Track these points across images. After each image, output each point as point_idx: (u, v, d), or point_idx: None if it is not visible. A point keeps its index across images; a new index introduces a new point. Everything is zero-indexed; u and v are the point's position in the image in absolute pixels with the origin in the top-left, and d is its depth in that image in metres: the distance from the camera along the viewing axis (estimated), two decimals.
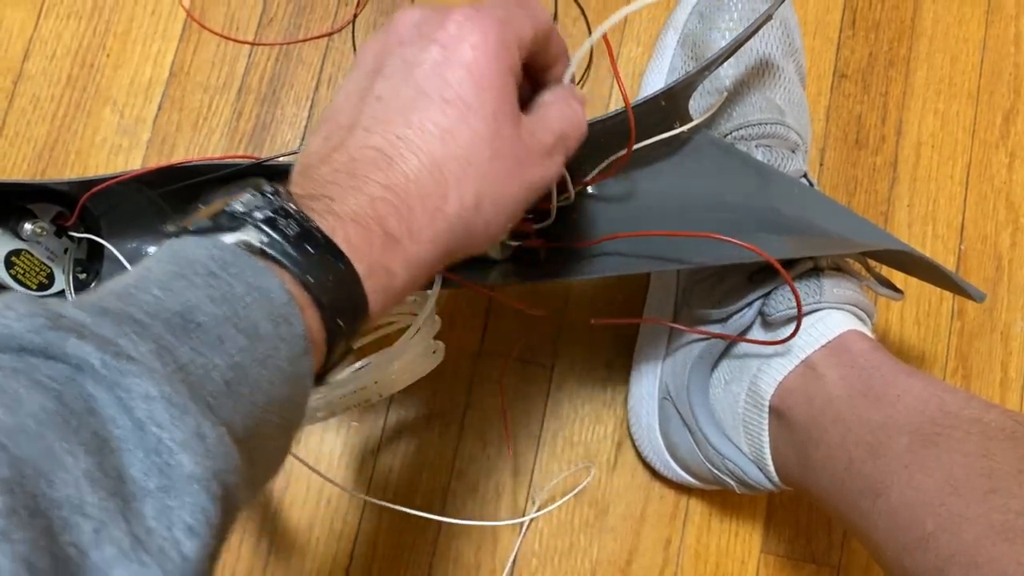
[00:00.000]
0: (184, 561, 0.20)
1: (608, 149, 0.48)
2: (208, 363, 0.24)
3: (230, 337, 0.24)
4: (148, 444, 0.21)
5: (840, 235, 0.48)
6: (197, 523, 0.21)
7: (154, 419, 0.21)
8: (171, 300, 0.24)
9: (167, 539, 0.20)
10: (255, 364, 0.25)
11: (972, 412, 0.38)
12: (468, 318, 0.60)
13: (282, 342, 0.25)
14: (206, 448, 0.22)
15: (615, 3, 0.64)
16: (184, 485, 0.21)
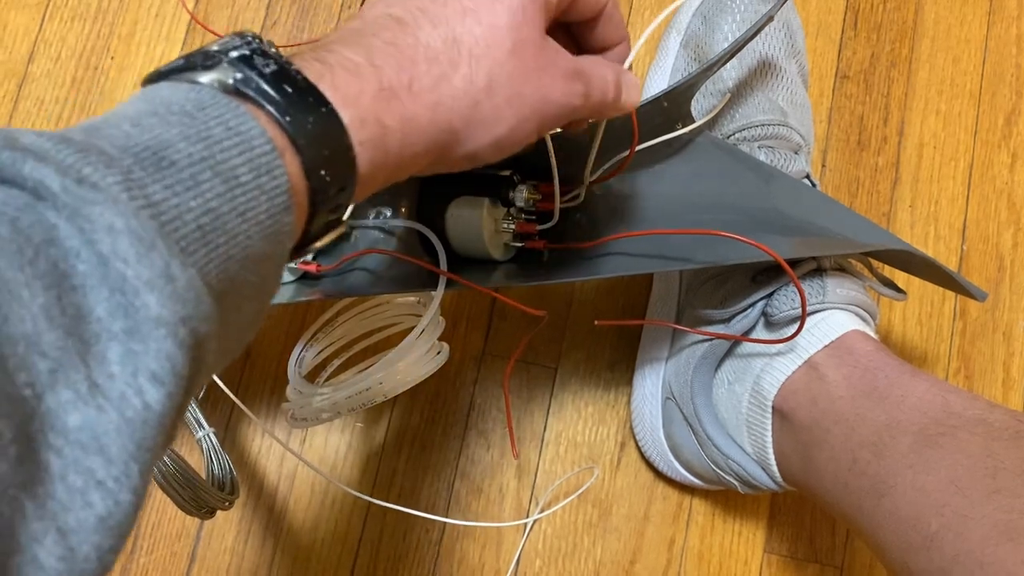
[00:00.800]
0: (146, 410, 0.19)
1: (611, 150, 0.48)
2: (181, 204, 0.21)
3: (206, 180, 0.22)
4: (112, 281, 0.19)
5: (843, 235, 0.48)
6: (162, 370, 0.19)
7: (118, 253, 0.19)
8: (143, 135, 0.22)
9: (130, 385, 0.19)
10: (232, 214, 0.23)
11: (976, 412, 0.38)
12: (472, 320, 0.60)
13: (263, 194, 0.23)
14: (174, 290, 0.20)
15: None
16: (150, 329, 0.19)
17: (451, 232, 0.51)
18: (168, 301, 0.20)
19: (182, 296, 0.20)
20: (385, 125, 0.28)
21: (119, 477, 0.19)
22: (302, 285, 0.52)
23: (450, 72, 0.30)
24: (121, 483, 0.19)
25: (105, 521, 0.18)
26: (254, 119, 0.24)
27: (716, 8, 0.53)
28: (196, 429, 0.51)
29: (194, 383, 0.22)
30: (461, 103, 0.30)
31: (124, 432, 0.19)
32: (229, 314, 0.24)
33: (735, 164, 0.50)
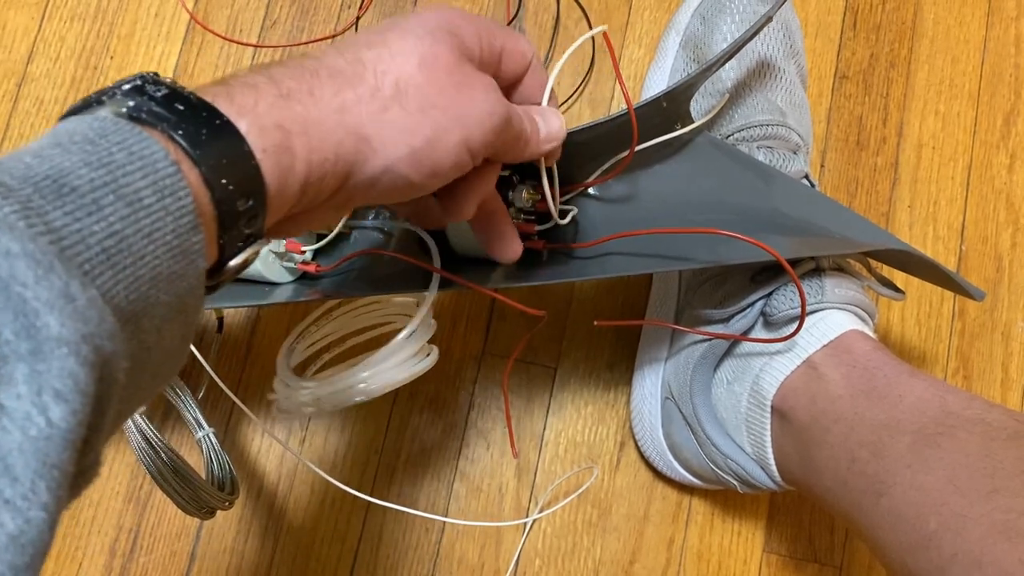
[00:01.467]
0: (50, 426, 0.19)
1: (609, 151, 0.48)
2: (83, 228, 0.22)
3: (109, 204, 0.22)
4: (14, 304, 0.19)
5: (842, 235, 0.48)
6: (65, 388, 0.20)
7: (16, 277, 0.19)
8: (43, 165, 0.22)
9: (35, 404, 0.19)
10: (138, 236, 0.23)
11: (974, 412, 0.38)
12: (472, 320, 0.60)
13: (168, 215, 0.24)
14: (75, 309, 0.20)
15: (616, 4, 0.64)
16: (52, 348, 0.20)
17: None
18: (68, 320, 0.20)
19: (83, 315, 0.20)
20: (286, 129, 0.27)
21: (26, 495, 0.19)
22: (301, 285, 0.52)
23: (354, 81, 0.30)
24: (29, 500, 0.19)
25: (17, 539, 0.19)
26: (157, 144, 0.24)
27: (715, 9, 0.54)
28: (196, 429, 0.51)
29: (106, 402, 0.22)
30: (369, 107, 0.30)
31: (27, 451, 0.19)
32: (149, 336, 0.24)
33: (734, 164, 0.50)
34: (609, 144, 0.48)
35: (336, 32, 0.63)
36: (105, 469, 0.58)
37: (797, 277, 0.43)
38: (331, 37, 0.63)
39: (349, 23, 0.64)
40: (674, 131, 0.49)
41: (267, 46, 0.63)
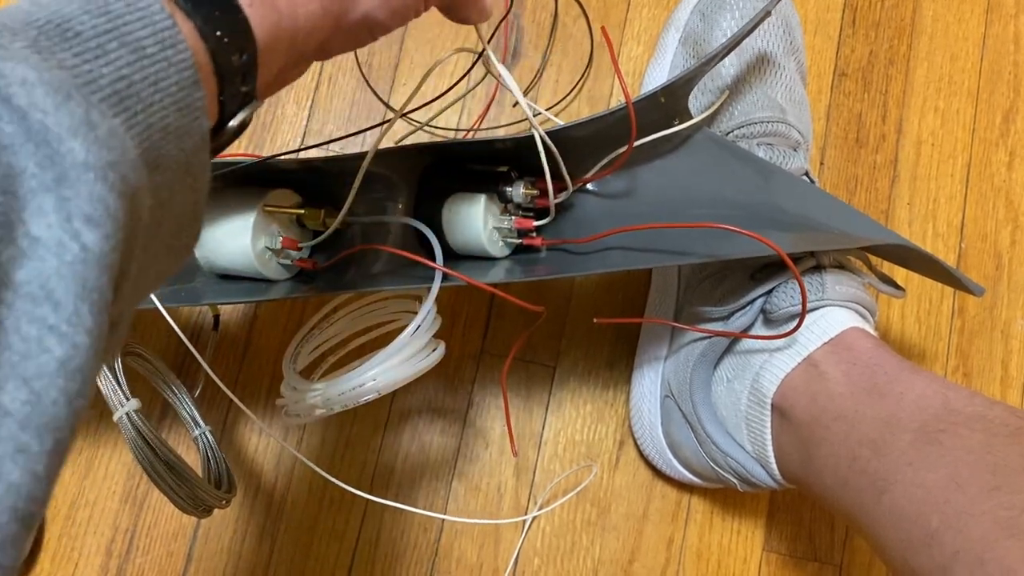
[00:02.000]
0: (84, 251, 0.19)
1: (608, 146, 0.48)
2: (93, 70, 0.22)
3: (114, 49, 0.22)
4: (35, 134, 0.19)
5: (842, 231, 0.48)
6: (96, 212, 0.20)
7: (36, 104, 0.19)
8: (42, 11, 0.22)
9: (66, 231, 0.19)
10: (144, 83, 0.23)
11: (976, 409, 0.38)
12: (470, 317, 0.60)
13: (170, 66, 0.24)
14: (97, 136, 0.20)
15: (614, 1, 0.64)
16: (78, 173, 0.19)
17: (448, 229, 0.51)
18: (93, 146, 0.20)
19: (106, 142, 0.20)
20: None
21: (71, 319, 0.19)
22: (298, 282, 0.51)
23: None
24: (74, 325, 0.19)
25: (66, 365, 0.19)
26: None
27: (715, 5, 0.53)
28: (192, 427, 0.51)
29: (133, 242, 0.22)
30: None
31: (67, 276, 0.19)
32: (162, 192, 0.24)
33: (733, 160, 0.50)
34: (608, 140, 0.48)
35: None
36: (101, 469, 0.57)
37: (798, 272, 0.43)
38: None
39: None
40: (672, 127, 0.48)
41: None
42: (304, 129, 0.62)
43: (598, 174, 0.49)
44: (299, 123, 0.62)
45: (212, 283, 0.52)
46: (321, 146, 0.61)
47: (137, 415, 0.47)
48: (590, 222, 0.52)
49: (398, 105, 0.62)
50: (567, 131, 0.47)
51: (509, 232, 0.50)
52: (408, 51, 0.64)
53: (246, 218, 0.48)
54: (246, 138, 0.61)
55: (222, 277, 0.52)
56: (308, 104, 0.62)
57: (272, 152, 0.61)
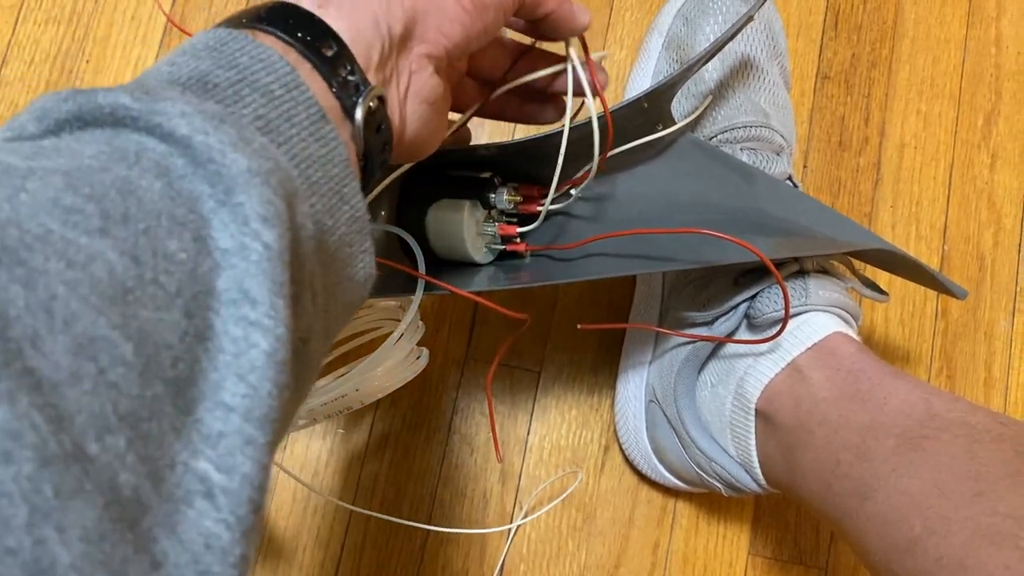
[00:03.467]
0: (267, 249, 0.21)
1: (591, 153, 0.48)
2: (235, 113, 0.24)
3: (247, 95, 0.25)
4: (200, 156, 0.21)
5: (825, 235, 0.48)
6: (268, 213, 0.21)
7: (196, 128, 0.21)
8: (181, 70, 0.25)
9: (246, 234, 0.21)
10: (280, 119, 0.25)
11: (958, 414, 0.38)
12: (454, 324, 0.60)
13: (298, 104, 0.26)
14: (253, 149, 0.22)
15: (597, 6, 0.64)
16: (245, 180, 0.21)
17: (432, 235, 0.50)
18: (253, 156, 0.22)
19: (263, 153, 0.22)
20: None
21: (269, 313, 0.20)
22: None
23: None
24: (273, 318, 0.20)
25: (272, 356, 0.20)
26: (270, 47, 0.26)
27: (698, 10, 0.53)
28: None
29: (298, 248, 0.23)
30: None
31: (257, 274, 0.20)
32: (324, 219, 0.26)
33: (717, 164, 0.50)
34: (591, 146, 0.48)
35: None
36: None
37: (781, 278, 0.43)
38: None
39: None
40: (656, 132, 0.48)
41: None
42: None
43: (580, 179, 0.49)
44: None
45: None
46: None
47: None
48: (574, 228, 0.52)
49: None
50: (547, 139, 0.47)
51: (493, 238, 0.50)
52: None
53: None
54: None
55: None
56: None
57: None
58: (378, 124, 0.30)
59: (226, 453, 0.19)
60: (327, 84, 0.28)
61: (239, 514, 0.19)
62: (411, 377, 0.48)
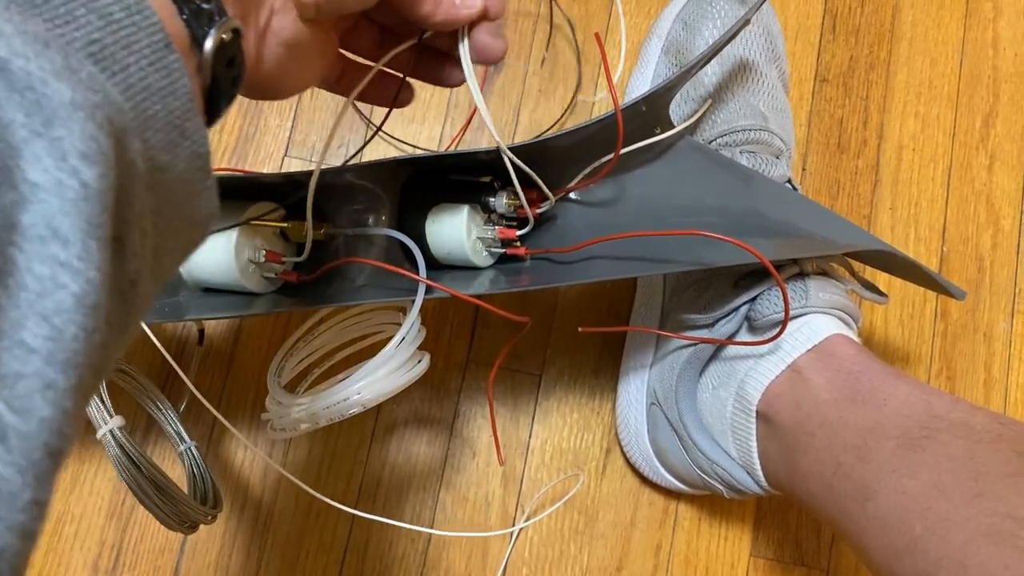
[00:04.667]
0: (85, 187, 0.19)
1: (590, 156, 0.48)
2: (66, 35, 0.22)
3: (82, 15, 0.22)
4: (18, 81, 0.19)
5: (823, 237, 0.48)
6: (90, 150, 0.20)
7: (16, 51, 0.19)
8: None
9: (62, 170, 0.19)
10: (117, 46, 0.23)
11: (958, 415, 0.38)
12: (456, 328, 0.60)
13: (139, 30, 0.24)
14: (79, 79, 0.20)
15: (595, 10, 0.64)
16: (67, 113, 0.19)
17: (432, 240, 0.51)
18: (78, 87, 0.20)
19: (89, 84, 0.21)
20: None
21: (81, 255, 0.19)
22: (282, 295, 0.51)
23: None
24: (85, 260, 0.19)
25: (82, 300, 0.19)
26: None
27: (697, 14, 0.54)
28: (177, 443, 0.51)
29: (131, 191, 0.22)
30: None
31: (71, 213, 0.19)
32: (160, 154, 0.24)
33: (715, 167, 0.50)
34: (590, 149, 0.48)
35: None
36: (87, 485, 0.57)
37: (781, 280, 0.43)
38: None
39: None
40: (654, 135, 0.49)
41: None
42: (287, 140, 0.62)
43: (580, 184, 0.49)
44: (282, 134, 0.62)
45: (196, 297, 0.51)
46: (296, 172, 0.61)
47: (121, 432, 0.47)
48: (574, 231, 0.52)
49: (377, 117, 0.62)
50: (551, 140, 0.47)
51: (493, 242, 0.50)
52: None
53: (228, 232, 0.48)
54: (228, 151, 0.61)
55: (206, 291, 0.51)
56: (291, 115, 0.62)
57: (253, 164, 0.61)
58: (230, 58, 0.29)
59: (24, 395, 0.18)
60: (177, 8, 0.26)
61: (32, 458, 0.18)
62: (412, 381, 0.48)
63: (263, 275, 0.50)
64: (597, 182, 0.49)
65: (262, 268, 0.50)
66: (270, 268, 0.50)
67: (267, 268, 0.50)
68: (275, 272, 0.50)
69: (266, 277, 0.50)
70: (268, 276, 0.50)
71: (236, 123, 0.62)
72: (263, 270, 0.50)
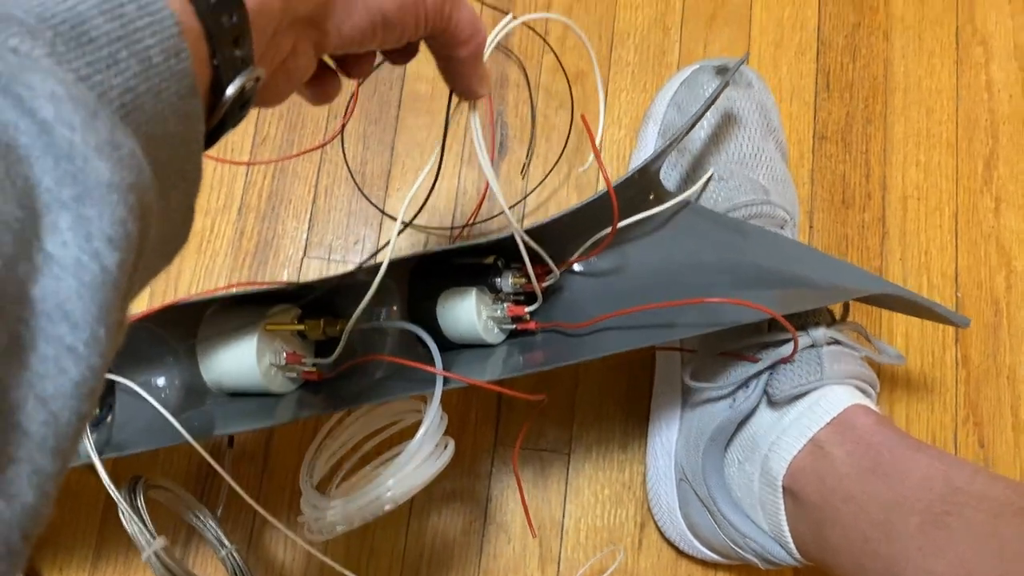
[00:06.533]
0: (104, 272, 0.19)
1: (592, 228, 0.50)
2: (105, 82, 0.21)
3: (123, 60, 0.22)
4: (58, 149, 0.19)
5: (827, 282, 0.49)
6: (117, 235, 0.19)
7: (63, 120, 0.19)
8: (58, 5, 0.21)
9: (85, 251, 0.19)
10: (149, 95, 0.23)
11: (979, 487, 0.39)
12: (480, 411, 0.61)
13: (172, 76, 0.23)
14: (120, 156, 0.20)
15: (592, 90, 0.66)
16: (103, 194, 0.19)
17: (444, 324, 0.52)
18: (118, 167, 0.20)
19: (128, 163, 0.20)
20: None
21: (88, 341, 0.19)
22: (306, 392, 0.52)
23: None
24: (91, 347, 0.19)
25: (80, 386, 0.19)
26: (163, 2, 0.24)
27: (689, 97, 0.55)
28: (219, 548, 0.52)
29: (139, 259, 0.22)
30: None
31: (85, 296, 0.19)
32: (160, 201, 0.24)
33: (711, 225, 0.51)
34: (591, 222, 0.49)
35: (324, 142, 0.65)
36: None
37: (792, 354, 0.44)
38: (320, 147, 0.65)
39: (336, 132, 0.65)
40: (651, 204, 0.50)
41: (259, 162, 0.65)
42: (305, 242, 0.64)
43: (583, 256, 0.51)
44: (299, 237, 0.64)
45: (222, 404, 0.53)
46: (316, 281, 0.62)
47: (164, 552, 0.48)
48: (580, 301, 0.54)
49: (391, 209, 0.64)
50: (553, 221, 0.49)
51: (503, 319, 0.52)
52: (399, 156, 0.65)
53: (249, 340, 0.49)
54: (248, 256, 0.63)
55: (231, 394, 0.53)
56: (307, 217, 0.64)
57: (274, 268, 0.63)
58: (244, 101, 0.28)
59: (11, 479, 0.18)
60: (210, 55, 0.26)
61: (9, 542, 0.18)
62: (439, 471, 0.48)
63: (285, 375, 0.52)
64: (599, 253, 0.51)
65: (284, 370, 0.51)
66: (292, 369, 0.51)
67: (289, 369, 0.52)
68: (297, 372, 0.52)
69: (288, 377, 0.52)
70: (290, 376, 0.52)
71: (255, 228, 0.64)
72: (285, 371, 0.52)
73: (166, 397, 0.52)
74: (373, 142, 0.66)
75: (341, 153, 0.65)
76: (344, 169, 0.65)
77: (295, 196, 0.64)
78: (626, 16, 0.68)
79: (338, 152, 0.65)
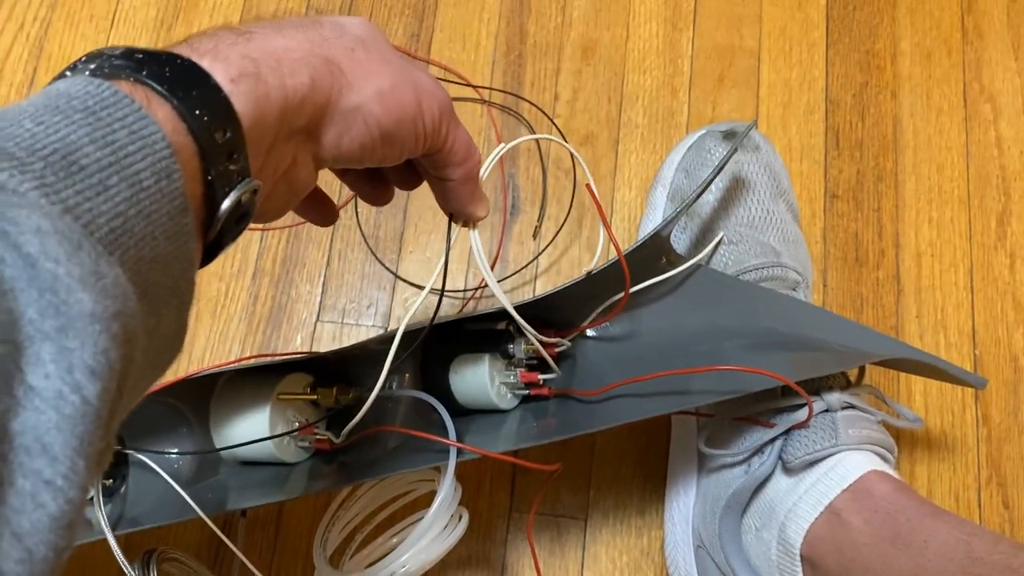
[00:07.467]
0: (85, 404, 0.19)
1: (604, 294, 0.50)
2: (94, 208, 0.22)
3: (114, 185, 0.22)
4: (42, 282, 0.19)
5: (841, 344, 0.48)
6: (99, 366, 0.19)
7: (48, 254, 0.19)
8: (48, 136, 0.22)
9: (66, 383, 0.19)
10: (139, 217, 0.23)
11: (1000, 557, 0.38)
12: (495, 477, 0.60)
13: (163, 197, 0.24)
14: (104, 286, 0.20)
15: (603, 152, 0.67)
16: (84, 324, 0.19)
17: (457, 391, 0.52)
18: (100, 297, 0.20)
19: (111, 292, 0.21)
20: (253, 59, 0.28)
21: (67, 475, 0.19)
22: (317, 462, 0.52)
23: (318, 27, 0.31)
24: (70, 480, 0.19)
25: (59, 520, 0.19)
26: (154, 123, 0.24)
27: (697, 162, 0.56)
28: None
29: (124, 383, 0.22)
30: (337, 44, 0.31)
31: (65, 429, 0.19)
32: (149, 319, 0.24)
33: (723, 289, 0.51)
34: (603, 288, 0.49)
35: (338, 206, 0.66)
36: None
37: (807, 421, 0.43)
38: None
39: (350, 195, 0.66)
40: (663, 269, 0.50)
41: (273, 228, 0.65)
42: (318, 306, 0.64)
43: (594, 322, 0.51)
44: (313, 301, 0.64)
45: (235, 473, 0.53)
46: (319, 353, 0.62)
47: None
48: (593, 366, 0.53)
49: (403, 272, 0.65)
50: (562, 292, 0.49)
51: (516, 385, 0.52)
52: (411, 218, 0.66)
53: (261, 411, 0.49)
54: (263, 321, 0.63)
55: (243, 463, 0.53)
56: (320, 281, 0.65)
57: (287, 333, 0.63)
58: (242, 214, 0.28)
59: None
60: (204, 171, 0.26)
61: None
62: (454, 544, 0.48)
63: (298, 444, 0.52)
64: (611, 320, 0.51)
65: (296, 439, 0.51)
66: (304, 439, 0.51)
67: (300, 439, 0.51)
68: (309, 441, 0.52)
69: (300, 447, 0.52)
70: (302, 445, 0.52)
71: (269, 293, 0.64)
72: (297, 441, 0.52)
73: (179, 468, 0.52)
74: (386, 206, 0.66)
75: (355, 217, 0.66)
76: (357, 233, 0.66)
77: (309, 260, 0.65)
78: (634, 79, 0.69)
79: (351, 216, 0.66)
